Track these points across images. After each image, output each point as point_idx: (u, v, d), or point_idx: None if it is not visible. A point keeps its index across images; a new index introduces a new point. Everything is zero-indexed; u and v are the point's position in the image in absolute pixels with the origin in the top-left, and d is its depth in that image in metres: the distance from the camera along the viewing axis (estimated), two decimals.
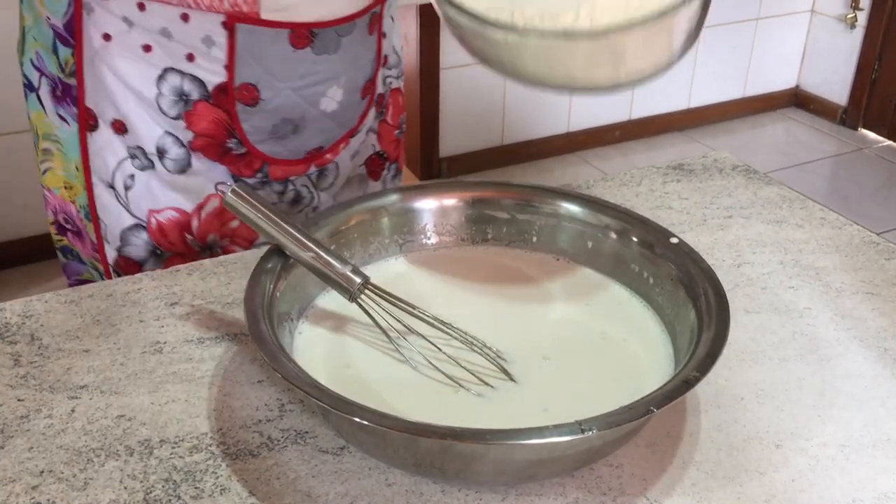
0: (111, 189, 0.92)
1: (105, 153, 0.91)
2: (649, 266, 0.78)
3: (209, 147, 0.90)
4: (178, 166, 0.90)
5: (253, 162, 0.92)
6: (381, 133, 1.07)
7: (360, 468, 0.65)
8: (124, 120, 0.88)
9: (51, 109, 0.92)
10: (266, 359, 0.63)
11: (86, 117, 0.89)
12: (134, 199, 0.92)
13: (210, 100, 0.87)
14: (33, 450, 0.67)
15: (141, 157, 0.90)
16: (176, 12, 0.82)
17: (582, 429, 0.56)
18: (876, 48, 3.34)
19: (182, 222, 0.94)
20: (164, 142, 0.89)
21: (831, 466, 0.67)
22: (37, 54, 0.91)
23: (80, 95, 0.89)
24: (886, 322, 0.83)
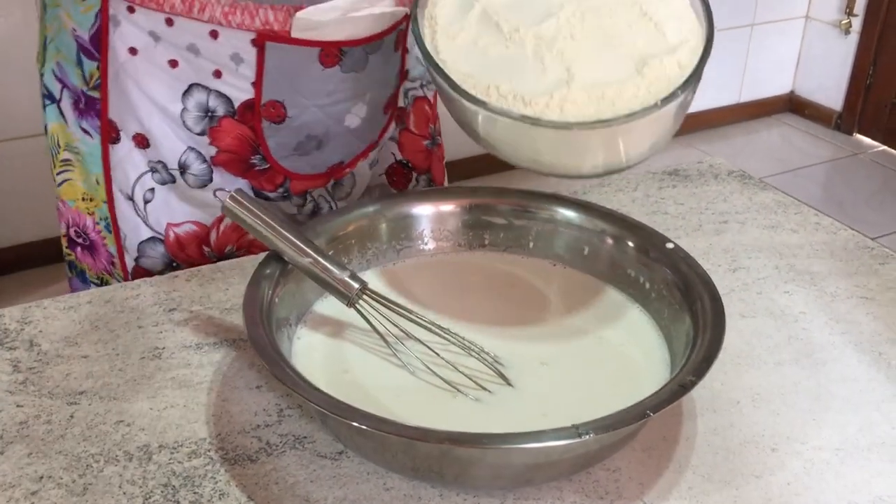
0: (130, 201, 0.92)
1: (126, 166, 0.91)
2: (645, 271, 0.79)
3: (232, 162, 0.90)
4: (200, 181, 0.91)
5: (275, 177, 0.92)
6: (404, 142, 1.07)
7: (358, 473, 0.66)
8: (147, 134, 0.89)
9: (72, 121, 0.92)
10: (265, 364, 0.63)
11: (108, 130, 0.89)
12: (153, 212, 0.92)
13: (235, 116, 0.87)
14: (32, 455, 0.67)
15: (162, 171, 0.90)
16: (205, 29, 0.82)
17: (579, 433, 0.57)
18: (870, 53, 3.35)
19: (200, 235, 0.94)
20: (187, 157, 0.89)
21: (826, 470, 0.67)
22: (59, 65, 0.91)
23: (104, 108, 0.88)
24: (881, 326, 0.83)
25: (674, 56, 0.70)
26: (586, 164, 0.74)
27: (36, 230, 2.51)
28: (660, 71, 0.69)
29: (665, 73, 0.69)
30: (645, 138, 0.72)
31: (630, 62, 0.71)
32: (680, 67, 0.70)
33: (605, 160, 0.73)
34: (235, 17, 0.81)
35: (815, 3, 3.52)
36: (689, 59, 0.70)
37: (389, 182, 1.07)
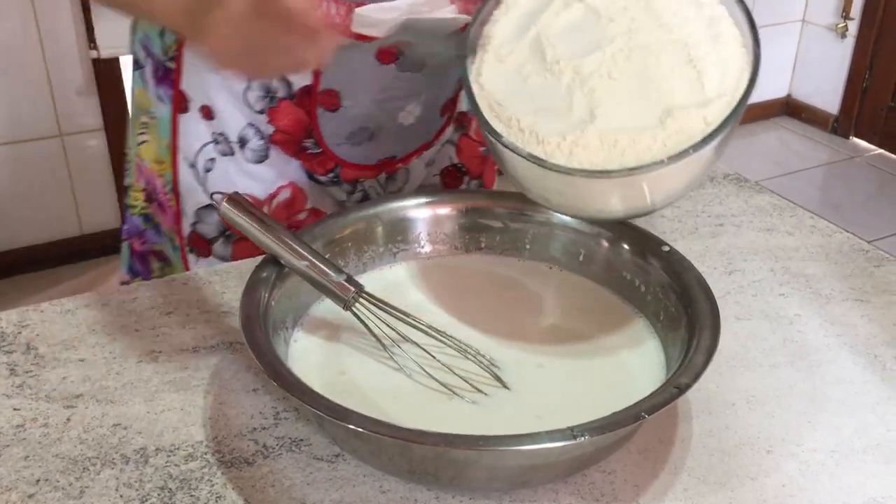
0: (193, 168, 0.96)
1: (191, 135, 0.95)
2: (641, 274, 0.79)
3: (287, 143, 0.94)
4: (257, 157, 0.94)
5: (326, 162, 0.96)
6: (462, 147, 1.08)
7: (354, 475, 0.66)
8: (212, 107, 0.93)
9: (151, 88, 0.97)
10: (261, 367, 0.64)
11: (179, 99, 0.94)
12: (212, 181, 0.96)
13: (293, 99, 0.90)
14: (29, 458, 0.67)
15: (223, 143, 0.94)
16: None
17: (574, 435, 0.57)
18: (867, 57, 3.36)
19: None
20: (247, 132, 0.93)
21: (821, 472, 0.67)
22: (146, 35, 0.96)
23: (177, 78, 0.93)
24: (876, 328, 0.84)
25: (702, 110, 0.69)
26: (595, 207, 0.76)
27: (33, 235, 2.52)
28: (683, 124, 0.69)
29: (688, 126, 0.69)
30: (670, 184, 0.72)
31: (657, 110, 0.70)
32: (705, 123, 0.69)
33: (624, 205, 0.74)
34: None
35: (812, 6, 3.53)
36: (716, 116, 0.69)
37: (442, 182, 1.09)
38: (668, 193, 0.74)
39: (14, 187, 2.43)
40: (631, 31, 0.74)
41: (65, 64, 2.36)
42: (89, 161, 2.50)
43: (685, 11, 0.74)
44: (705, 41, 0.73)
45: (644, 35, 0.73)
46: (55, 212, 2.52)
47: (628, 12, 0.75)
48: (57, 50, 2.34)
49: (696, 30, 0.73)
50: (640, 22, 0.74)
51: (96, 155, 2.51)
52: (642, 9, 0.75)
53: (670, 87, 0.71)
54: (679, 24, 0.74)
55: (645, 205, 0.74)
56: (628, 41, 0.73)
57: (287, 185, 0.96)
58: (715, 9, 0.74)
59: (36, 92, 2.37)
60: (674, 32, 0.73)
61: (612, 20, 0.75)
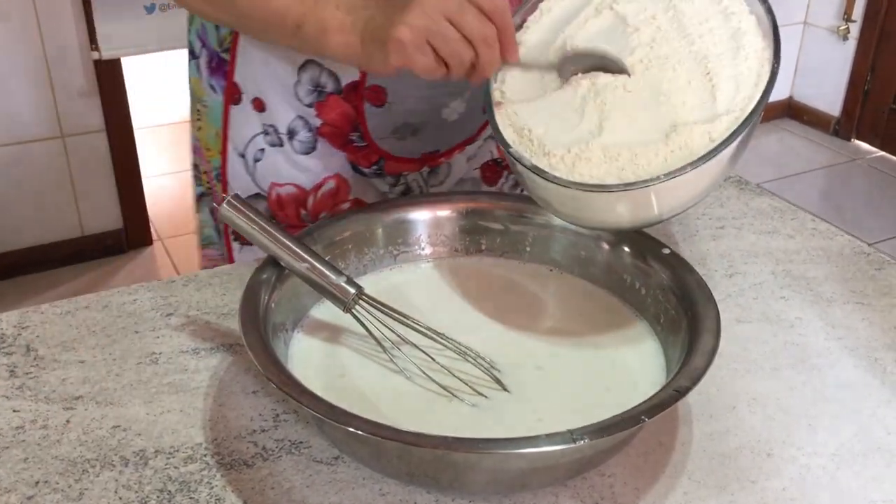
0: (242, 158, 0.99)
1: (243, 126, 0.98)
2: (641, 277, 0.79)
3: (334, 136, 0.96)
4: (305, 148, 0.96)
5: (371, 155, 0.97)
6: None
7: (354, 478, 0.66)
8: (264, 99, 0.95)
9: (205, 77, 1.00)
10: (261, 369, 0.64)
11: (231, 91, 0.96)
12: (260, 171, 0.98)
13: (341, 94, 0.92)
14: (28, 460, 0.67)
15: (273, 134, 0.96)
16: None
17: (573, 438, 0.57)
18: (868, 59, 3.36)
19: (299, 198, 0.99)
20: (296, 124, 0.95)
21: (822, 475, 0.67)
22: (202, 26, 0.98)
23: (231, 70, 0.96)
24: (877, 331, 0.83)
25: (709, 126, 0.70)
26: (599, 219, 0.76)
27: (33, 236, 2.52)
28: (687, 139, 0.69)
29: (691, 142, 0.69)
30: (676, 196, 0.72)
31: (664, 125, 0.71)
32: (710, 139, 0.69)
33: (630, 216, 0.74)
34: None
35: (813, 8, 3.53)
36: (721, 133, 0.69)
37: (482, 177, 1.10)
38: (675, 205, 0.74)
39: (15, 188, 2.43)
40: (654, 41, 0.75)
41: (66, 65, 2.37)
42: (91, 162, 2.50)
43: (712, 21, 0.75)
44: (726, 53, 0.73)
45: (666, 46, 0.74)
46: (56, 213, 2.52)
47: (656, 21, 0.76)
48: (58, 51, 2.34)
49: (718, 40, 0.74)
50: (664, 32, 0.75)
51: (98, 156, 2.51)
52: (670, 18, 0.76)
53: (682, 101, 0.72)
54: (703, 34, 0.74)
55: (652, 216, 0.74)
56: (649, 52, 0.74)
57: (332, 176, 0.98)
58: (743, 20, 0.74)
59: (37, 93, 2.37)
60: (696, 44, 0.73)
61: (638, 30, 0.75)
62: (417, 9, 0.70)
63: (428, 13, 0.70)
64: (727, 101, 0.71)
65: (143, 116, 3.15)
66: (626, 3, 0.78)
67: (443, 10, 0.70)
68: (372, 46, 0.74)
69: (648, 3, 0.78)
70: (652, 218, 0.75)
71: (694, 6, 0.76)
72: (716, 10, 0.76)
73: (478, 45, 0.72)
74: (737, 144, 0.70)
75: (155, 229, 2.73)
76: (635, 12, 0.77)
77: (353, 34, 0.75)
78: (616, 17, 0.78)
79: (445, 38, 0.71)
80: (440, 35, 0.71)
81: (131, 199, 2.60)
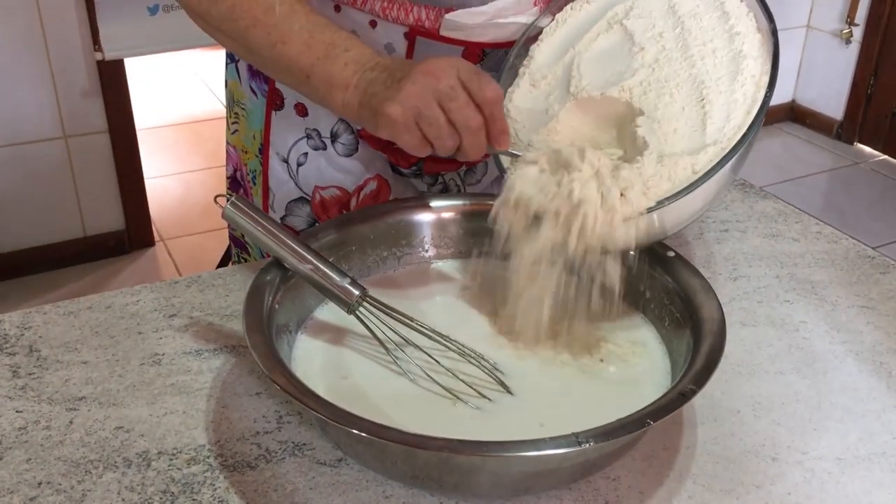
0: (285, 163, 1.00)
1: (285, 131, 0.99)
2: (646, 279, 0.78)
3: (374, 137, 0.96)
4: (347, 150, 0.97)
5: (410, 156, 0.97)
6: None
7: (357, 480, 0.65)
8: (306, 104, 0.96)
9: (245, 80, 1.00)
10: (265, 370, 0.63)
11: (273, 97, 0.97)
12: (304, 174, 0.99)
13: None
14: (31, 461, 0.67)
15: (316, 138, 0.97)
16: (365, 18, 0.89)
17: (578, 441, 0.57)
18: (871, 63, 3.35)
19: (342, 200, 1.00)
20: (338, 127, 0.96)
21: (827, 480, 0.67)
22: None
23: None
24: (881, 335, 0.83)
25: (693, 158, 0.70)
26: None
27: (37, 236, 2.51)
28: (671, 171, 0.70)
29: (674, 174, 0.70)
30: (675, 215, 0.72)
31: (654, 154, 0.71)
32: (692, 172, 0.70)
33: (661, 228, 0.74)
34: (392, 12, 0.88)
35: (817, 12, 3.53)
36: (704, 165, 0.70)
37: None
38: (670, 226, 0.73)
39: (18, 189, 2.43)
40: (657, 62, 0.75)
41: (69, 66, 2.37)
42: (94, 163, 2.50)
43: (716, 41, 0.75)
44: (724, 77, 0.73)
45: (667, 68, 0.75)
46: (59, 214, 2.51)
47: (662, 40, 0.76)
48: (62, 52, 2.34)
49: (719, 62, 0.74)
50: (667, 52, 0.76)
51: (101, 157, 2.51)
52: (676, 36, 0.76)
53: (673, 129, 0.73)
54: (705, 55, 0.74)
55: (680, 222, 0.75)
56: (650, 74, 0.75)
57: (373, 177, 0.99)
58: (746, 42, 0.75)
59: (40, 94, 2.37)
60: (696, 66, 0.74)
61: (643, 48, 0.76)
62: (411, 88, 0.72)
63: (420, 95, 0.71)
64: (716, 132, 0.72)
65: (145, 117, 3.16)
66: (636, 19, 0.79)
67: (435, 93, 0.72)
68: (365, 112, 0.75)
69: (658, 19, 0.78)
70: (660, 234, 0.75)
71: (701, 24, 0.77)
72: (722, 29, 0.76)
73: (463, 134, 0.73)
74: (719, 175, 0.70)
75: (157, 230, 2.73)
76: (644, 29, 0.78)
77: (353, 95, 0.76)
78: (624, 34, 0.78)
79: (432, 123, 0.72)
80: (428, 119, 0.72)
81: (134, 199, 2.60)
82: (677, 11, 0.78)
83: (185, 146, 3.26)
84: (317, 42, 0.78)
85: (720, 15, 0.78)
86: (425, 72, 0.72)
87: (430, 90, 0.72)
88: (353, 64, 0.77)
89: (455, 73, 0.72)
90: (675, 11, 0.79)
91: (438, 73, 0.72)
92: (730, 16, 0.77)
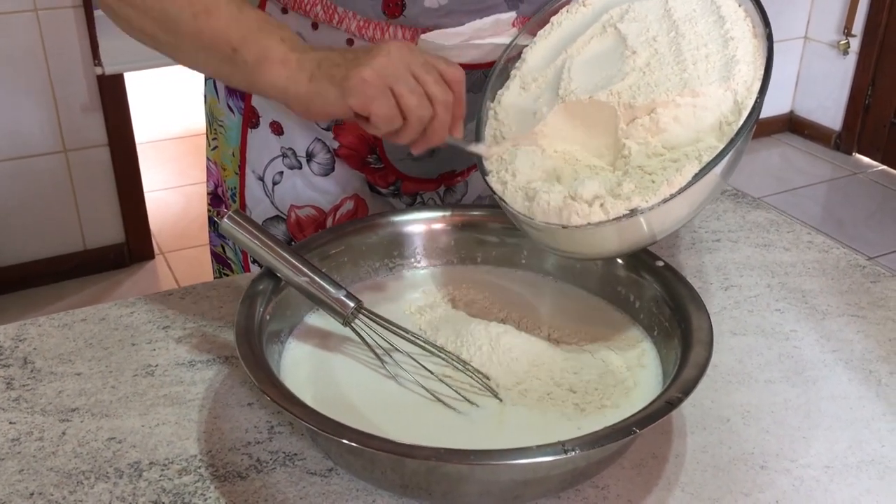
0: (260, 181, 0.99)
1: (261, 149, 0.98)
2: (635, 288, 0.79)
3: (351, 157, 0.97)
4: (323, 170, 0.97)
5: (388, 176, 0.98)
6: None
7: (347, 490, 0.66)
8: (282, 123, 0.95)
9: (222, 98, 1.00)
10: (255, 382, 0.64)
11: (249, 115, 0.97)
12: (279, 193, 0.99)
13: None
14: (24, 472, 0.67)
15: (291, 157, 0.97)
16: (342, 37, 0.88)
17: (565, 449, 0.57)
18: (869, 74, 3.36)
19: (318, 220, 1.00)
20: (314, 147, 0.96)
21: (815, 487, 0.67)
22: None
23: (248, 94, 0.96)
24: (872, 344, 0.83)
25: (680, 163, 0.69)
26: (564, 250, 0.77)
27: (37, 249, 2.52)
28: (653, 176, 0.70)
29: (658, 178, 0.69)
30: (660, 220, 0.71)
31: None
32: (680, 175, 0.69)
33: (618, 244, 0.73)
34: (368, 31, 0.87)
35: (814, 23, 3.54)
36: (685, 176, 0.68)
37: None
38: (657, 230, 0.73)
39: (18, 202, 2.44)
40: (648, 66, 0.75)
41: (69, 80, 2.38)
42: (93, 177, 2.51)
43: (709, 47, 0.75)
44: (716, 83, 0.72)
45: (658, 72, 0.74)
46: (59, 227, 2.52)
47: (655, 44, 0.76)
48: (62, 66, 2.36)
49: (711, 68, 0.73)
50: (660, 56, 0.75)
51: (100, 171, 2.52)
52: (669, 41, 0.76)
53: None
54: (698, 60, 0.74)
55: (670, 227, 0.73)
56: (640, 78, 0.74)
57: (350, 197, 0.99)
58: (740, 47, 0.74)
59: (41, 108, 2.38)
60: (687, 70, 0.73)
61: (635, 52, 0.75)
62: (384, 57, 0.70)
63: (394, 64, 0.70)
64: (688, 146, 0.71)
65: (145, 131, 3.17)
66: (630, 22, 0.79)
67: (408, 64, 0.71)
68: (324, 84, 0.71)
69: (653, 23, 0.78)
70: (647, 239, 0.74)
71: (696, 29, 0.76)
72: (717, 33, 0.75)
73: (437, 107, 0.72)
74: (706, 180, 0.68)
75: (157, 243, 2.74)
76: (637, 32, 0.77)
77: (299, 71, 0.72)
78: (618, 37, 0.78)
79: (410, 89, 0.70)
80: (405, 84, 0.70)
81: (133, 213, 2.61)
82: (672, 16, 0.78)
83: (184, 160, 3.27)
84: (247, 16, 0.74)
85: (716, 20, 0.77)
86: (395, 47, 0.71)
87: (403, 62, 0.70)
88: (290, 42, 0.74)
89: (420, 52, 0.72)
90: (671, 15, 0.78)
91: (407, 51, 0.71)
92: (725, 20, 0.76)
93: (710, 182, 0.70)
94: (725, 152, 0.68)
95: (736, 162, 0.73)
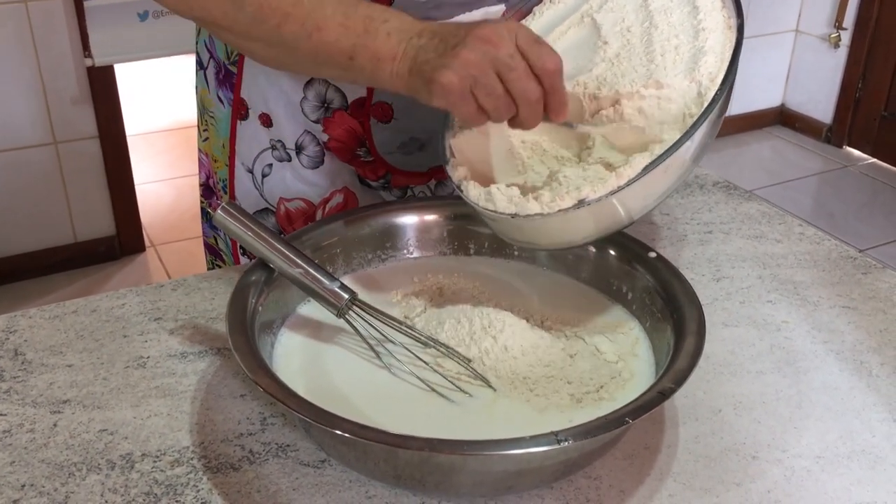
0: (250, 173, 0.99)
1: (250, 141, 0.98)
2: (627, 280, 0.79)
3: (341, 150, 0.96)
4: (313, 163, 0.97)
5: (378, 169, 0.98)
6: None
7: (340, 481, 0.66)
8: (271, 115, 0.95)
9: (213, 89, 1.00)
10: (248, 373, 0.64)
11: (238, 107, 0.97)
12: (268, 185, 0.99)
13: (348, 110, 0.93)
14: (15, 464, 0.67)
15: (281, 149, 0.96)
16: None
17: (558, 440, 0.57)
18: (860, 67, 3.37)
19: (308, 213, 0.99)
20: (304, 139, 0.95)
21: (807, 478, 0.68)
22: (210, 37, 0.98)
23: (238, 85, 0.96)
24: (862, 335, 0.84)
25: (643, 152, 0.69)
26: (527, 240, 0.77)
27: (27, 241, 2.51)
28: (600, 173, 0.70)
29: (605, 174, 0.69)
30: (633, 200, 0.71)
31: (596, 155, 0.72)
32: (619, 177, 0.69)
33: (570, 235, 0.73)
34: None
35: (805, 16, 3.55)
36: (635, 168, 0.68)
37: None
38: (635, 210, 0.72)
39: (8, 195, 2.43)
40: (618, 57, 0.74)
41: (59, 72, 2.37)
42: (84, 169, 2.50)
43: (680, 38, 0.74)
44: (681, 74, 0.72)
45: (626, 63, 0.74)
46: (49, 219, 2.51)
47: (628, 34, 0.76)
48: (52, 58, 2.34)
49: (679, 59, 0.73)
50: (630, 47, 0.75)
51: (91, 163, 2.51)
52: (642, 32, 0.75)
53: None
54: (666, 51, 0.73)
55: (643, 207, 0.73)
56: (608, 69, 0.74)
57: (340, 190, 0.98)
58: (710, 38, 0.74)
59: (30, 99, 2.37)
60: (655, 61, 0.73)
61: (607, 42, 0.75)
62: (468, 55, 0.67)
63: (477, 63, 0.67)
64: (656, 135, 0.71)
65: (135, 123, 3.16)
66: (607, 13, 0.79)
67: (492, 61, 0.67)
68: (418, 81, 0.71)
69: (629, 14, 0.78)
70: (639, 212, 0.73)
71: (670, 19, 0.76)
72: (690, 24, 0.75)
73: (520, 104, 0.69)
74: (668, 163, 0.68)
75: (148, 236, 2.73)
76: (613, 23, 0.77)
77: (402, 64, 0.72)
78: (593, 27, 0.78)
79: (489, 92, 0.68)
80: (485, 88, 0.68)
81: (124, 205, 2.60)
82: (649, 6, 0.77)
83: (175, 152, 3.26)
84: (353, 21, 0.74)
85: (690, 10, 0.76)
86: (482, 38, 0.68)
87: (487, 58, 0.67)
88: (397, 33, 0.73)
89: (513, 41, 0.68)
90: (647, 6, 0.78)
91: (496, 40, 0.67)
92: (699, 11, 0.76)
93: (672, 171, 0.69)
94: (678, 145, 0.67)
95: (704, 150, 0.72)
